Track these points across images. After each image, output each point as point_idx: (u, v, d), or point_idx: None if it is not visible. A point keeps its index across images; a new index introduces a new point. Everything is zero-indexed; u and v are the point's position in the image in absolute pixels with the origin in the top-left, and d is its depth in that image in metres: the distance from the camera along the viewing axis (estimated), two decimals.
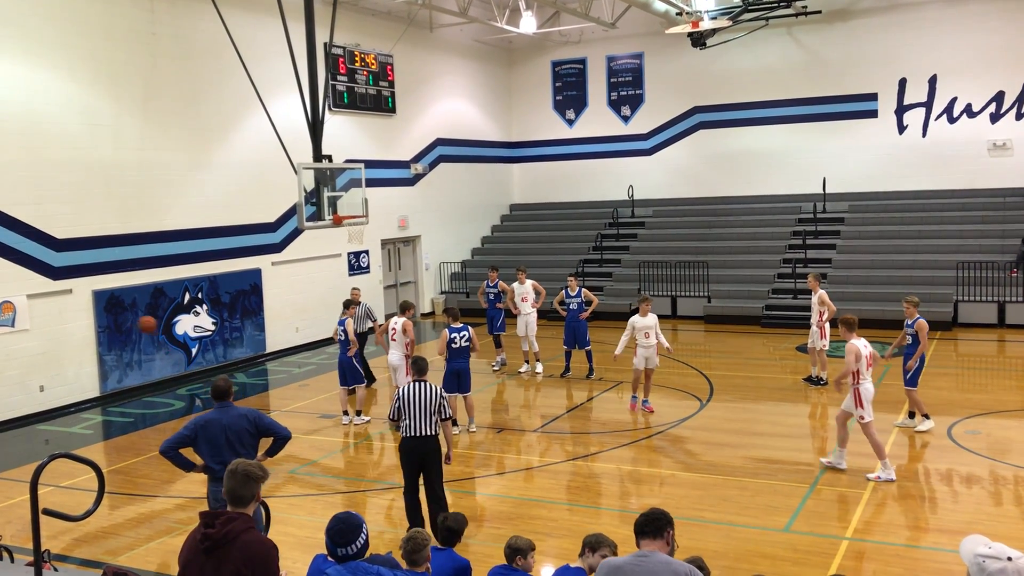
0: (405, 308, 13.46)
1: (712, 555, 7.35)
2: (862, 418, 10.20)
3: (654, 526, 4.51)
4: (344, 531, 4.52)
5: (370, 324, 15.11)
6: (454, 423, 12.82)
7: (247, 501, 4.46)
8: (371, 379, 15.28)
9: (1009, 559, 3.25)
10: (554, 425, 13.15)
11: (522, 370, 16.67)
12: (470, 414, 12.83)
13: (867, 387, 10.22)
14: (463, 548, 8.17)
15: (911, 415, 12.16)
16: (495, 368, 16.96)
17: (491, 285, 17.09)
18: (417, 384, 8.59)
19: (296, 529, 9.04)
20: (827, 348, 14.75)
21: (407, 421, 8.48)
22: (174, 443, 7.50)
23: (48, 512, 5.95)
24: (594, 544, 5.70)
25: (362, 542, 4.56)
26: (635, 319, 13.42)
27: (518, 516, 9.43)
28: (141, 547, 8.99)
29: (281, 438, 7.55)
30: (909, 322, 12.05)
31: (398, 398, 8.56)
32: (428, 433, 8.50)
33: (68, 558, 8.62)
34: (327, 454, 12.26)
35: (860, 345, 10.26)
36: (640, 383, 13.48)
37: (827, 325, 14.55)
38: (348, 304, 14.20)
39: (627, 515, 8.99)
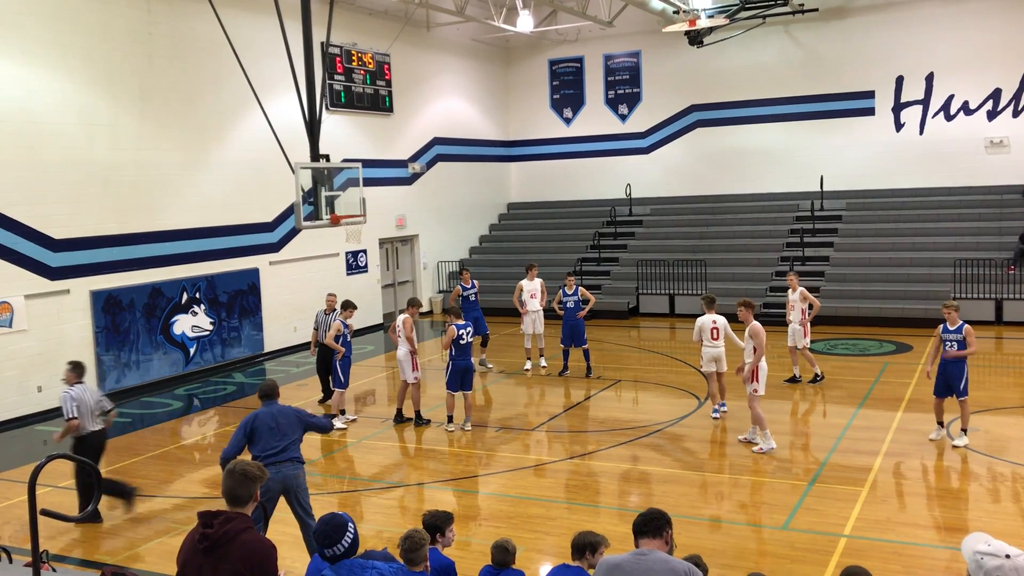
0: (408, 304, 13.49)
1: (710, 553, 7.36)
2: (756, 391, 11.26)
3: (653, 526, 4.50)
4: (328, 532, 4.53)
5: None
6: (450, 420, 12.86)
7: (245, 501, 4.46)
8: (328, 393, 14.38)
9: (1007, 556, 3.26)
10: (552, 424, 13.15)
11: (527, 367, 16.66)
12: (468, 413, 12.84)
13: (764, 365, 11.34)
14: (461, 546, 8.19)
15: (963, 431, 11.17)
16: (489, 367, 16.96)
17: (467, 287, 16.72)
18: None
19: (294, 529, 9.00)
20: (809, 345, 14.67)
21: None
22: (232, 452, 7.59)
23: (46, 512, 5.93)
24: (594, 545, 5.67)
25: (349, 541, 4.55)
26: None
27: (516, 515, 9.43)
28: (139, 547, 8.98)
29: (323, 429, 8.74)
30: (952, 328, 11.09)
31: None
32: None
33: (66, 558, 8.61)
34: (325, 453, 12.26)
35: (760, 325, 11.31)
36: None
37: (809, 323, 14.57)
38: (346, 305, 13.95)
39: (626, 513, 9.00)
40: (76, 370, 9.72)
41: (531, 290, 16.50)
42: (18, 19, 14.28)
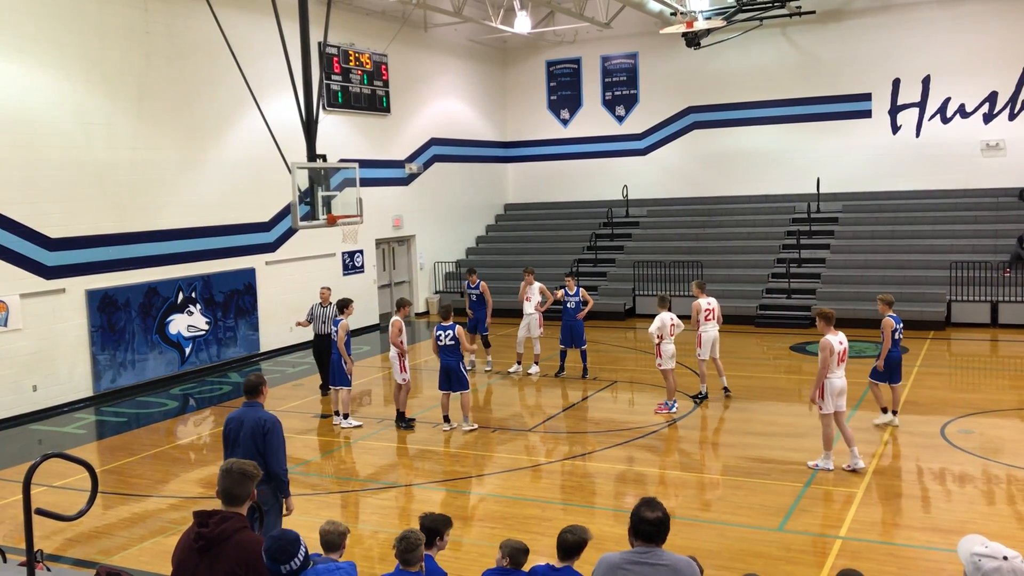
0: (398, 306, 13.47)
1: (706, 554, 7.36)
2: (820, 408, 10.46)
3: (664, 537, 4.30)
4: (284, 547, 4.47)
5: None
6: (446, 419, 12.84)
7: (243, 500, 4.46)
8: (325, 388, 15.00)
9: (1005, 558, 3.26)
10: (549, 425, 13.15)
11: (511, 370, 16.63)
12: (464, 412, 12.82)
13: (833, 382, 10.41)
14: (456, 547, 8.18)
15: (893, 412, 12.22)
16: (487, 369, 16.95)
17: (472, 287, 16.94)
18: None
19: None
20: (704, 358, 14.16)
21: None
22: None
23: (41, 512, 5.92)
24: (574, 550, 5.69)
25: (303, 555, 4.51)
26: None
27: (512, 516, 9.42)
28: (135, 547, 8.96)
29: (276, 476, 7.16)
30: None
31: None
32: None
33: (61, 558, 8.59)
34: (320, 454, 12.24)
35: (835, 341, 10.46)
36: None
37: (703, 335, 14.04)
38: (343, 305, 13.94)
39: (621, 515, 8.98)
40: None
41: (527, 295, 16.51)
42: (15, 17, 14.24)
